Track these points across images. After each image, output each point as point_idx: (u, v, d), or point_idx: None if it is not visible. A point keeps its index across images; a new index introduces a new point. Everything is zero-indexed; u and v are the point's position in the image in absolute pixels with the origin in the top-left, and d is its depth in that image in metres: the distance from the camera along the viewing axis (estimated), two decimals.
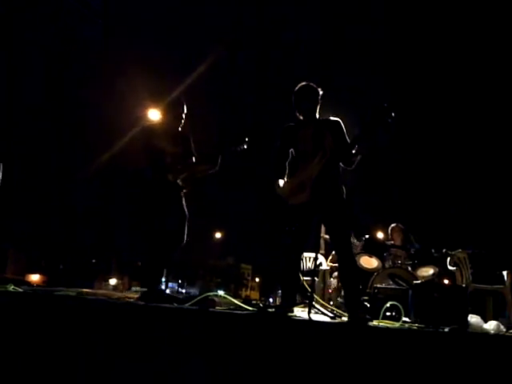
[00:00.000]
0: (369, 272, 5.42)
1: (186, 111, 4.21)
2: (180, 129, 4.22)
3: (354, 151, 3.36)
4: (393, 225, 6.14)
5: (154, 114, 4.26)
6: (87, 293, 4.47)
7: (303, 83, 3.61)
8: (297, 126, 3.62)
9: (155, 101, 4.41)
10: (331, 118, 3.61)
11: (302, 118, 3.61)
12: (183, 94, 4.35)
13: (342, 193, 3.50)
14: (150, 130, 4.29)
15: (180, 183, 4.06)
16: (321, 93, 3.58)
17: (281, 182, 3.55)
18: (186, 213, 4.09)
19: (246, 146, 3.99)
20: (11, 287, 3.46)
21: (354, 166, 3.49)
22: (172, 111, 4.20)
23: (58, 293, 3.44)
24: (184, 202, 4.11)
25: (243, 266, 52.59)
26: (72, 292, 3.73)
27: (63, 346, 2.76)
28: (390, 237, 6.14)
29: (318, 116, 3.60)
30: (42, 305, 2.94)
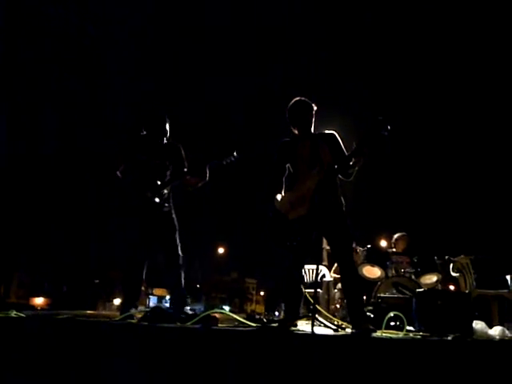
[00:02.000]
0: (372, 282, 5.40)
1: (168, 123, 4.20)
2: (166, 141, 4.21)
3: (351, 163, 3.38)
4: (398, 234, 6.12)
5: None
6: (90, 315, 4.46)
7: (297, 98, 3.65)
8: (293, 140, 3.65)
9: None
10: (326, 131, 3.65)
11: (297, 132, 3.64)
12: (164, 108, 4.37)
13: (342, 205, 3.51)
14: (134, 142, 4.23)
15: (157, 200, 4.02)
16: (315, 108, 3.62)
17: (278, 197, 3.55)
18: (176, 226, 4.07)
19: (233, 159, 3.96)
20: (13, 313, 3.46)
21: (352, 178, 3.50)
22: (154, 124, 4.18)
23: (60, 316, 3.42)
24: (173, 216, 4.10)
25: (248, 280, 52.37)
26: (73, 314, 3.72)
27: (66, 369, 2.75)
28: (393, 245, 6.11)
29: (312, 130, 3.64)
30: (44, 330, 2.93)
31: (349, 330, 3.32)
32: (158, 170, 4.10)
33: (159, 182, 4.03)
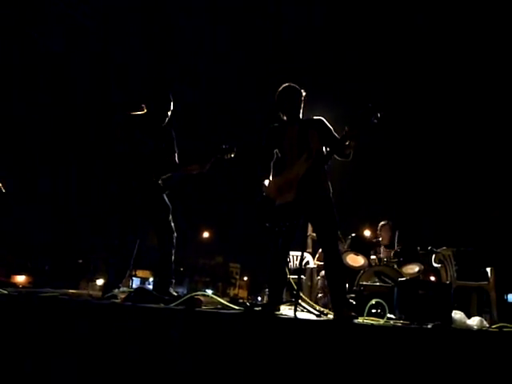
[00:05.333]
0: (355, 270, 5.46)
1: (172, 107, 4.10)
2: (164, 124, 4.11)
3: (346, 143, 3.37)
4: (382, 222, 6.18)
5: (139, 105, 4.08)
6: (72, 294, 4.44)
7: (286, 84, 3.63)
8: (281, 126, 3.64)
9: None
10: (314, 117, 3.64)
11: (285, 118, 3.64)
12: (171, 89, 4.19)
13: (329, 191, 3.52)
14: (133, 120, 4.02)
15: (161, 184, 4.01)
16: (304, 94, 3.62)
17: (266, 182, 3.56)
18: (170, 206, 4.04)
19: (233, 155, 4.00)
20: None
21: (351, 158, 3.49)
22: (158, 104, 4.07)
23: (43, 294, 3.41)
24: (166, 198, 4.06)
25: (231, 264, 52.60)
26: (57, 293, 3.70)
27: (48, 347, 2.74)
28: (378, 233, 6.17)
29: (301, 116, 3.63)
30: (27, 307, 2.92)
31: (331, 316, 3.36)
32: (156, 152, 4.03)
33: (163, 166, 4.01)
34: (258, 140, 3.77)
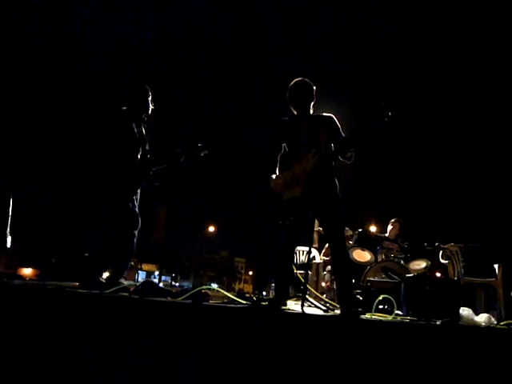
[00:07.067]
0: (362, 265, 5.44)
1: (150, 96, 4.14)
2: (146, 118, 4.17)
3: (349, 146, 3.37)
4: (393, 219, 6.18)
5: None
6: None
7: (298, 78, 3.62)
8: (290, 120, 3.63)
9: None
10: (324, 113, 3.63)
11: (295, 112, 3.62)
12: (146, 81, 4.28)
13: (336, 187, 3.51)
14: (127, 114, 4.10)
15: (152, 175, 4.05)
16: (315, 89, 3.59)
17: (273, 176, 3.55)
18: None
19: (207, 152, 4.05)
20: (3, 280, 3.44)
21: (352, 160, 3.49)
22: (138, 98, 4.12)
23: (50, 286, 3.42)
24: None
25: (237, 259, 52.75)
26: (63, 285, 3.72)
27: (56, 339, 2.76)
28: (391, 229, 6.15)
29: (311, 112, 3.62)
30: (35, 298, 2.93)
31: (338, 312, 3.35)
32: (146, 145, 4.11)
33: (153, 159, 4.08)
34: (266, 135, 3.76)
